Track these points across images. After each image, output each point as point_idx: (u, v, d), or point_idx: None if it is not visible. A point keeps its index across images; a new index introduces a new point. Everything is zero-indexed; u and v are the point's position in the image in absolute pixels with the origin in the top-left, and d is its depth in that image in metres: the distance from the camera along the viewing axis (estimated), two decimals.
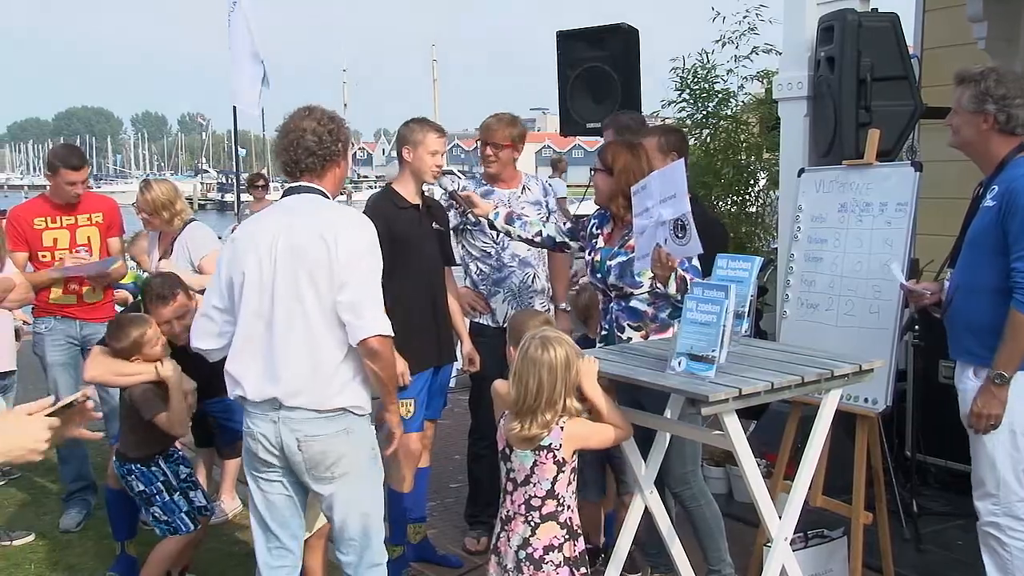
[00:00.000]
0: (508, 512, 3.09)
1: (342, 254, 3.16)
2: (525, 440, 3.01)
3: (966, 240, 3.53)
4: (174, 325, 4.25)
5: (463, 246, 4.84)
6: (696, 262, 3.75)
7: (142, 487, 4.22)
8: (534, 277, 4.79)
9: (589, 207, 4.75)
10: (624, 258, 3.84)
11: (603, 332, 4.00)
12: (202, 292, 5.02)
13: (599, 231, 4.04)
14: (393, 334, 3.22)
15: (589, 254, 4.06)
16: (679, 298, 3.69)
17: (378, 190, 4.68)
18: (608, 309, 3.98)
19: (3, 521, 5.11)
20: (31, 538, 5.05)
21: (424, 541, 4.60)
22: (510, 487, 3.10)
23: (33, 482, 5.99)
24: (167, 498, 4.23)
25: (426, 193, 4.62)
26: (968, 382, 3.45)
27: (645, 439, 3.58)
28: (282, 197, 3.44)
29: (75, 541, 4.93)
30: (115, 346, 4.16)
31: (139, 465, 4.23)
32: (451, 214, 4.71)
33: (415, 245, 4.25)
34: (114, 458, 4.35)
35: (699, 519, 3.88)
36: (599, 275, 3.96)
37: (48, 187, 5.30)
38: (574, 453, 3.06)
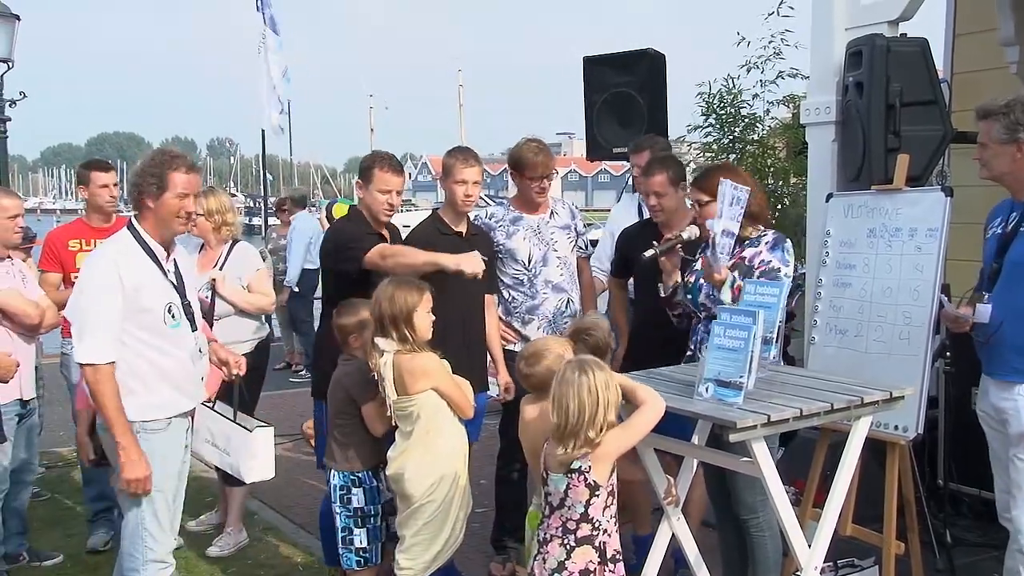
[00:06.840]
0: (546, 535, 3.10)
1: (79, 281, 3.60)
2: (563, 463, 3.00)
3: (1009, 265, 3.53)
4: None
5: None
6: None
7: (362, 504, 3.74)
8: (568, 302, 4.77)
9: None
10: None
11: (688, 353, 3.97)
12: (243, 310, 5.11)
13: (701, 255, 3.96)
14: (106, 361, 3.37)
15: (685, 276, 4.02)
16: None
17: (406, 212, 4.72)
18: (695, 331, 3.96)
19: (32, 543, 5.13)
20: (60, 559, 5.07)
21: (450, 565, 4.57)
22: (547, 510, 3.10)
23: (60, 503, 6.03)
24: (378, 523, 3.79)
25: (473, 221, 4.65)
26: (1020, 399, 3.46)
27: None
28: None
29: (103, 561, 4.94)
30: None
31: (371, 474, 3.73)
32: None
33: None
34: (333, 468, 3.89)
35: (759, 549, 3.80)
36: (689, 295, 3.95)
37: (84, 207, 5.35)
38: (611, 475, 3.03)
